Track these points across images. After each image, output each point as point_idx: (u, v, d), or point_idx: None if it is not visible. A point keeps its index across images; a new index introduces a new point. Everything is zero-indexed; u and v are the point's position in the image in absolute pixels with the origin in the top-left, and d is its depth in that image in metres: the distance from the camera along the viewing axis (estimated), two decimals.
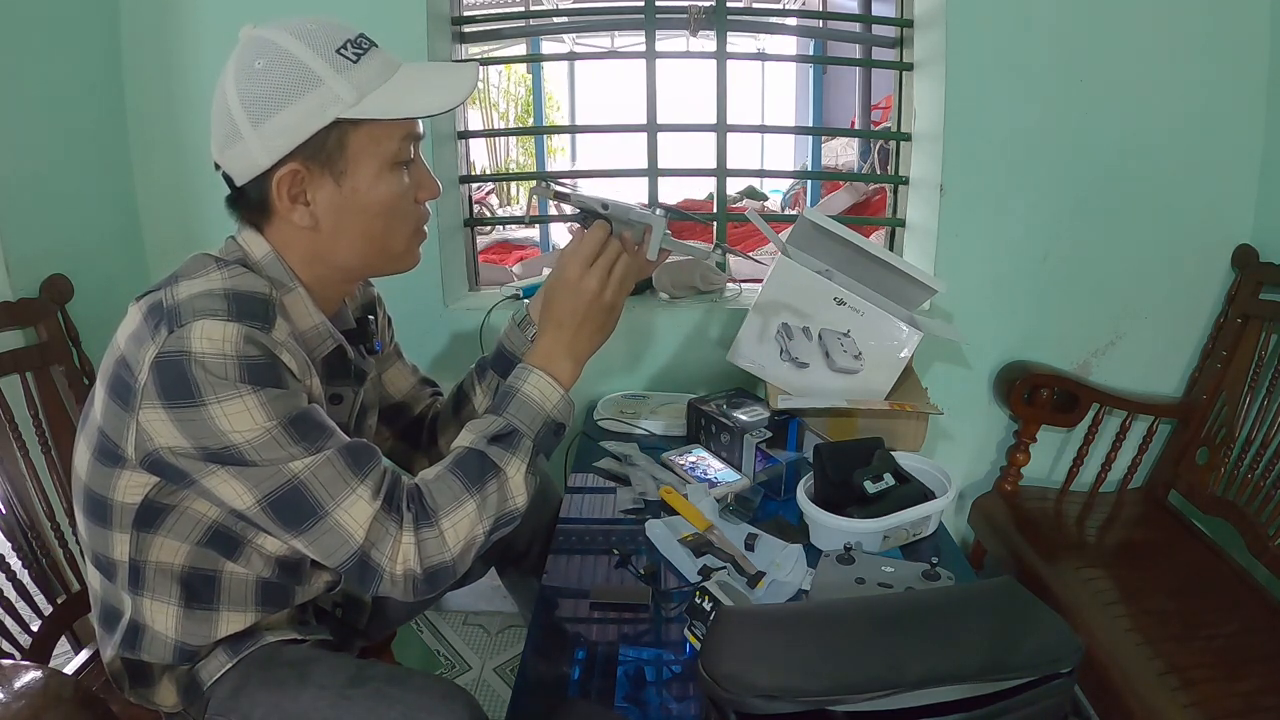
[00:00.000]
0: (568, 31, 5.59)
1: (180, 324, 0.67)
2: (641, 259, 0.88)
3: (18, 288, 1.23)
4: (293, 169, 0.74)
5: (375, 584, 0.72)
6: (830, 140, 5.39)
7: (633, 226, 0.87)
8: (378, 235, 0.79)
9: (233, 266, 0.75)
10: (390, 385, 1.06)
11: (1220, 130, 1.49)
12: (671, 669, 0.83)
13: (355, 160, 0.75)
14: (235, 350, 0.67)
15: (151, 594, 0.79)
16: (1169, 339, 1.60)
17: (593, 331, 0.84)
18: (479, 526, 0.75)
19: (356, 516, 0.70)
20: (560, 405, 0.83)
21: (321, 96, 0.72)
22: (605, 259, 0.83)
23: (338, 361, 0.86)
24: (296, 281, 0.79)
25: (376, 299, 1.01)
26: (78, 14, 1.37)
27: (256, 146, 0.73)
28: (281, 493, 0.70)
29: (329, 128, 0.73)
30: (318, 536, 0.71)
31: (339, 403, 0.88)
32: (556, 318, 0.84)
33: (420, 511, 0.73)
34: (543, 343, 0.85)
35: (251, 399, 0.68)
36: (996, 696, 0.62)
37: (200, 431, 0.68)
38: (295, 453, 0.70)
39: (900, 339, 1.25)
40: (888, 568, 0.91)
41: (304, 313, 0.80)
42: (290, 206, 0.75)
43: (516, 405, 0.81)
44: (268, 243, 0.79)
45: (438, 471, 0.77)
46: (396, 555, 0.71)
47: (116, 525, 0.76)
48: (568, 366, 0.84)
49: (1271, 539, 1.28)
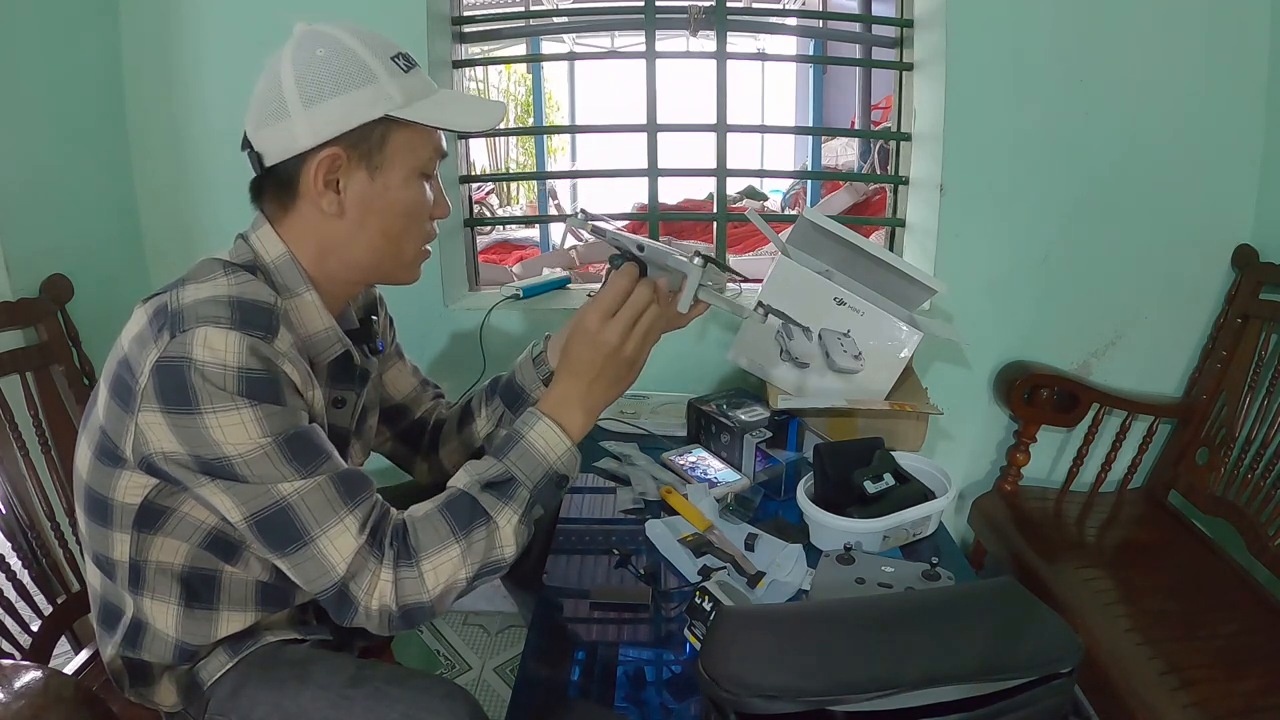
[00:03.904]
0: (568, 31, 5.60)
1: (182, 329, 0.67)
2: (672, 310, 0.84)
3: (18, 288, 1.23)
4: (334, 153, 0.75)
5: (351, 616, 0.72)
6: (830, 140, 5.40)
7: (669, 273, 0.82)
8: (395, 236, 0.81)
9: (240, 273, 0.74)
10: (391, 386, 1.05)
11: (1220, 130, 1.49)
12: (671, 669, 0.83)
13: (392, 159, 0.77)
14: (236, 361, 0.67)
15: (152, 593, 0.79)
16: (1169, 339, 1.60)
17: (608, 385, 0.81)
18: (461, 572, 0.73)
19: (340, 548, 0.70)
20: (565, 457, 0.80)
21: (375, 92, 0.75)
22: (629, 310, 0.79)
23: (343, 365, 0.85)
24: (308, 284, 0.80)
25: (378, 299, 1.02)
26: (78, 14, 1.37)
27: (302, 126, 0.74)
28: (269, 513, 0.69)
29: (375, 122, 0.75)
30: (300, 562, 0.70)
31: (342, 406, 0.88)
32: (572, 367, 0.81)
33: (403, 550, 0.72)
34: (556, 389, 0.82)
35: (248, 413, 0.68)
36: (996, 696, 0.62)
37: (195, 439, 0.68)
38: (286, 473, 0.69)
39: (900, 339, 1.25)
40: (888, 568, 0.91)
41: (314, 316, 0.80)
42: (321, 191, 0.76)
43: (518, 453, 0.79)
44: (283, 241, 0.79)
45: (427, 510, 0.76)
46: (374, 590, 0.71)
47: (117, 525, 0.76)
48: (578, 417, 0.81)
49: (1271, 539, 1.28)
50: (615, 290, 0.80)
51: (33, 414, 1.17)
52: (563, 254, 4.35)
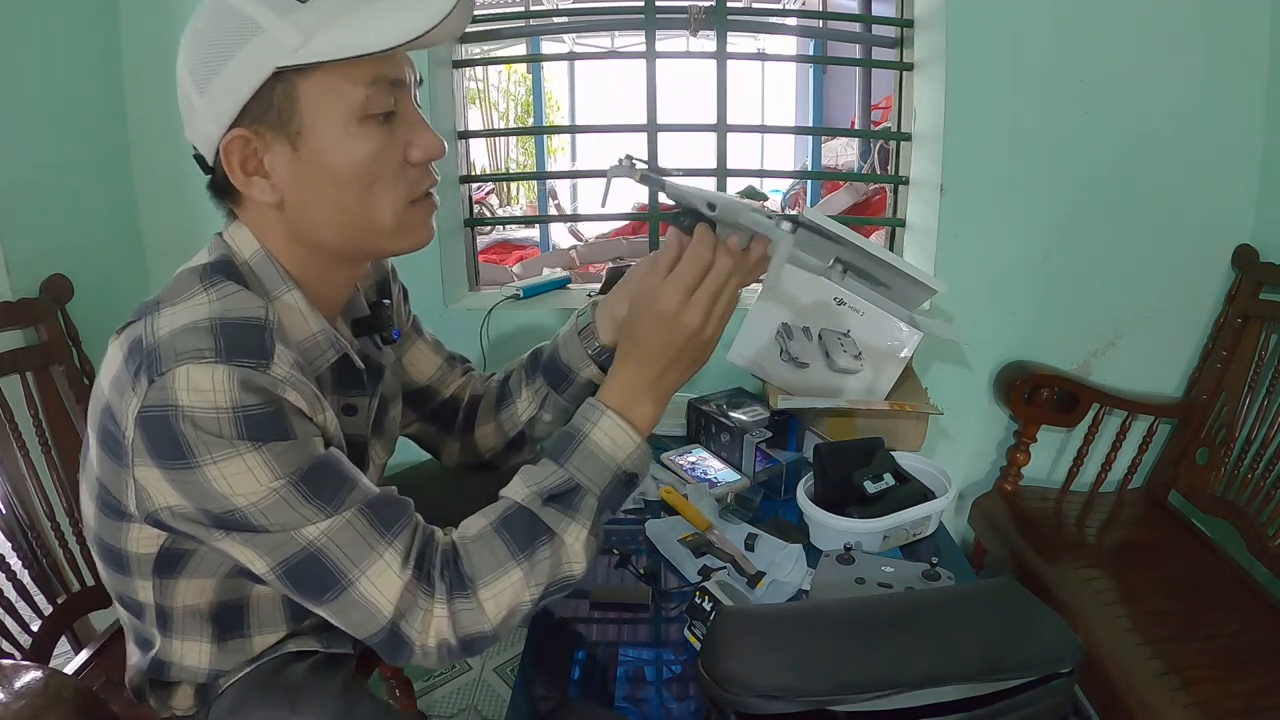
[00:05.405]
0: (568, 31, 5.60)
1: (160, 371, 0.57)
2: (751, 277, 0.73)
3: (18, 288, 1.23)
4: (238, 135, 0.63)
5: (406, 657, 0.64)
6: (830, 140, 5.40)
7: (738, 231, 0.70)
8: (353, 206, 0.66)
9: (221, 284, 0.64)
10: (413, 369, 0.94)
11: (1220, 130, 1.49)
12: (671, 669, 0.83)
13: (311, 117, 0.63)
14: (229, 401, 0.58)
15: (182, 636, 0.73)
16: (1169, 339, 1.60)
17: (683, 371, 0.71)
18: (525, 594, 0.65)
19: (384, 588, 0.62)
20: (635, 455, 0.70)
21: (259, 45, 0.60)
22: (710, 285, 0.68)
23: (347, 369, 0.76)
24: (289, 282, 0.69)
25: (390, 273, 0.90)
26: (78, 14, 1.37)
27: (206, 115, 0.63)
28: (297, 560, 0.61)
29: (272, 81, 0.61)
30: (342, 609, 0.62)
31: (353, 414, 0.78)
32: (642, 352, 0.70)
33: (456, 580, 0.64)
34: (621, 377, 0.71)
35: (253, 457, 0.58)
36: (996, 696, 0.62)
37: (199, 494, 0.59)
38: (309, 514, 0.61)
39: (900, 339, 1.25)
40: (888, 568, 0.91)
41: (299, 320, 0.69)
42: (247, 180, 0.65)
43: (581, 456, 0.68)
44: (255, 238, 0.69)
45: (480, 529, 0.67)
46: (428, 628, 0.63)
47: (136, 573, 0.70)
48: (647, 409, 0.71)
49: (1271, 539, 1.28)
50: (696, 263, 0.68)
51: (33, 414, 1.17)
52: (563, 254, 4.36)
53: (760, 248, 0.71)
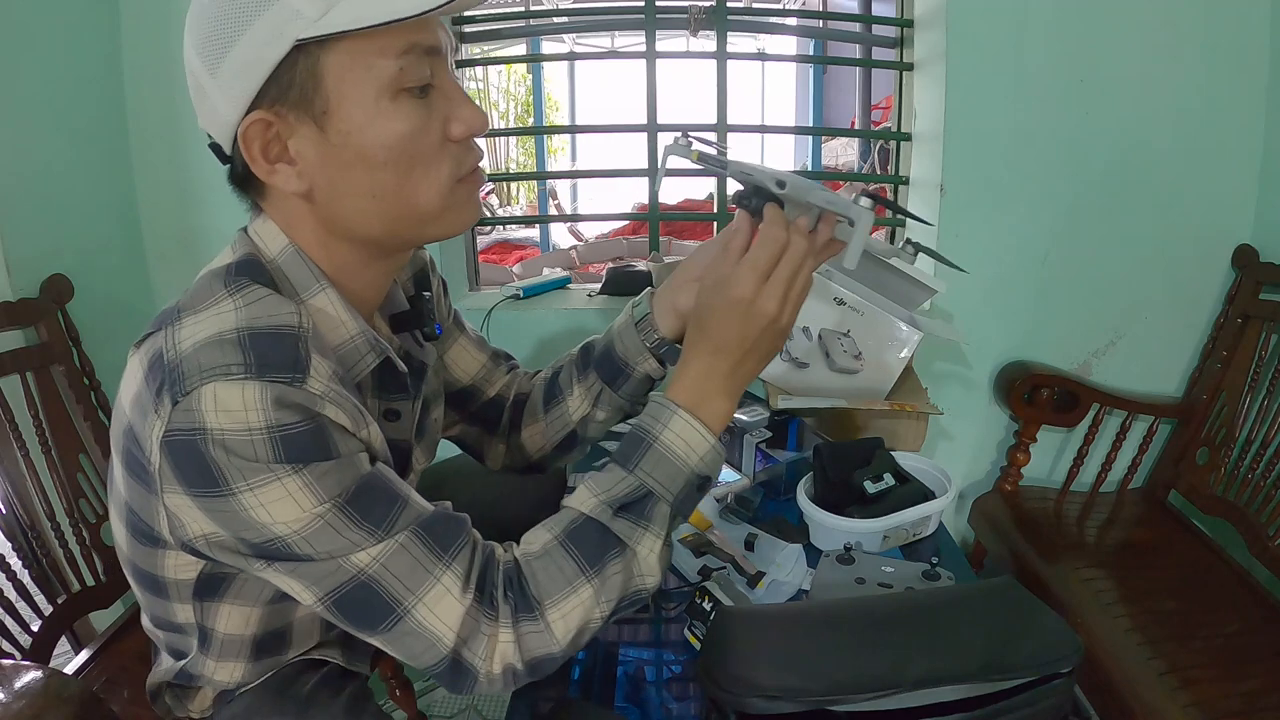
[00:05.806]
0: (568, 31, 5.60)
1: (185, 390, 0.52)
2: (821, 260, 0.68)
3: (18, 288, 1.23)
4: (258, 118, 0.57)
5: (470, 685, 0.60)
6: (830, 140, 5.40)
7: (807, 211, 0.65)
8: (391, 191, 0.60)
9: (248, 288, 0.59)
10: (456, 368, 0.89)
11: (1220, 130, 1.49)
12: (671, 669, 0.83)
13: (338, 93, 0.56)
14: (263, 421, 0.52)
15: (219, 657, 0.70)
16: (1169, 339, 1.60)
17: (759, 361, 0.66)
18: (596, 611, 0.61)
19: (444, 615, 0.57)
20: (709, 457, 0.65)
21: (276, 15, 0.54)
22: (786, 269, 0.63)
23: (388, 371, 0.70)
24: (323, 280, 0.63)
25: (428, 264, 0.84)
26: (78, 14, 1.37)
27: (219, 98, 0.57)
28: (348, 590, 0.56)
29: (292, 54, 0.55)
30: (399, 639, 0.58)
31: (396, 419, 0.73)
32: (715, 343, 0.65)
33: (521, 602, 0.60)
34: (692, 371, 0.66)
35: (292, 481, 0.53)
36: (996, 696, 0.62)
37: (235, 523, 0.54)
38: (358, 539, 0.55)
39: (900, 339, 1.25)
40: (888, 568, 0.91)
41: (335, 323, 0.63)
42: (270, 168, 0.59)
43: (653, 460, 0.63)
44: (283, 233, 0.63)
45: (545, 544, 0.62)
46: (493, 654, 0.59)
47: (175, 598, 0.66)
48: (721, 405, 0.66)
49: (1271, 539, 1.28)
50: (773, 244, 0.63)
51: (33, 414, 1.17)
52: (563, 254, 4.36)
53: (828, 229, 0.65)
